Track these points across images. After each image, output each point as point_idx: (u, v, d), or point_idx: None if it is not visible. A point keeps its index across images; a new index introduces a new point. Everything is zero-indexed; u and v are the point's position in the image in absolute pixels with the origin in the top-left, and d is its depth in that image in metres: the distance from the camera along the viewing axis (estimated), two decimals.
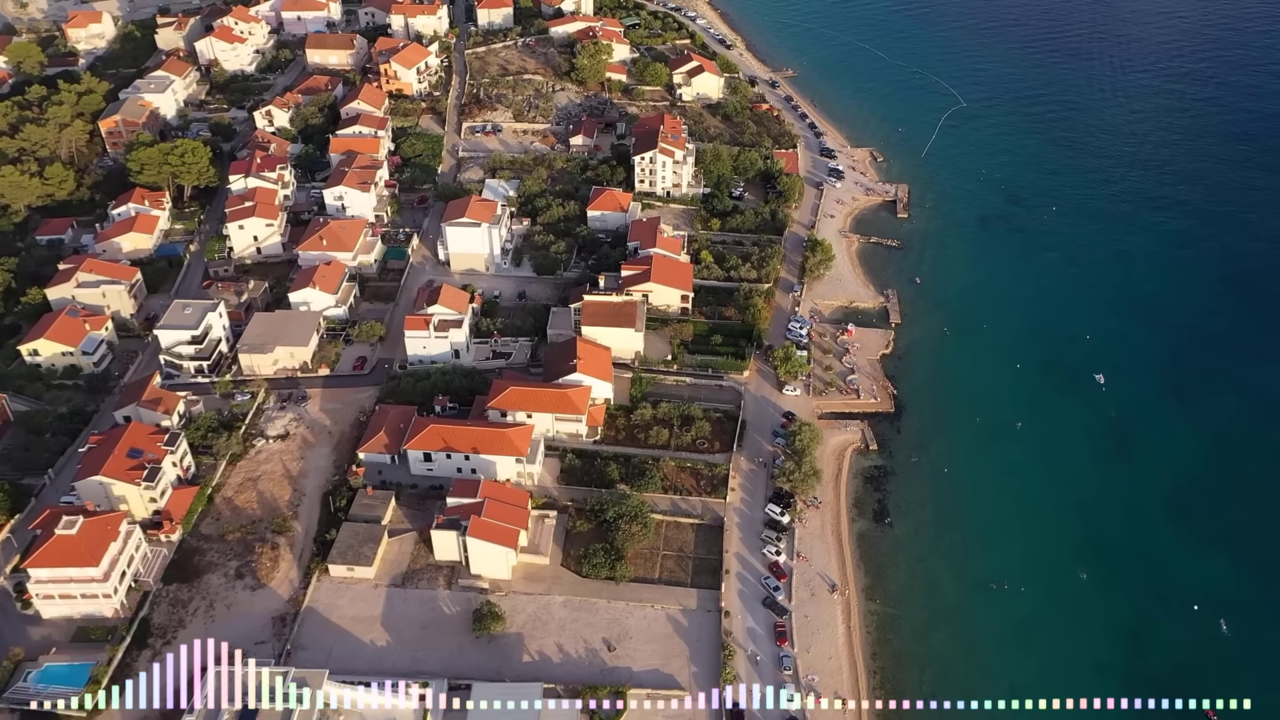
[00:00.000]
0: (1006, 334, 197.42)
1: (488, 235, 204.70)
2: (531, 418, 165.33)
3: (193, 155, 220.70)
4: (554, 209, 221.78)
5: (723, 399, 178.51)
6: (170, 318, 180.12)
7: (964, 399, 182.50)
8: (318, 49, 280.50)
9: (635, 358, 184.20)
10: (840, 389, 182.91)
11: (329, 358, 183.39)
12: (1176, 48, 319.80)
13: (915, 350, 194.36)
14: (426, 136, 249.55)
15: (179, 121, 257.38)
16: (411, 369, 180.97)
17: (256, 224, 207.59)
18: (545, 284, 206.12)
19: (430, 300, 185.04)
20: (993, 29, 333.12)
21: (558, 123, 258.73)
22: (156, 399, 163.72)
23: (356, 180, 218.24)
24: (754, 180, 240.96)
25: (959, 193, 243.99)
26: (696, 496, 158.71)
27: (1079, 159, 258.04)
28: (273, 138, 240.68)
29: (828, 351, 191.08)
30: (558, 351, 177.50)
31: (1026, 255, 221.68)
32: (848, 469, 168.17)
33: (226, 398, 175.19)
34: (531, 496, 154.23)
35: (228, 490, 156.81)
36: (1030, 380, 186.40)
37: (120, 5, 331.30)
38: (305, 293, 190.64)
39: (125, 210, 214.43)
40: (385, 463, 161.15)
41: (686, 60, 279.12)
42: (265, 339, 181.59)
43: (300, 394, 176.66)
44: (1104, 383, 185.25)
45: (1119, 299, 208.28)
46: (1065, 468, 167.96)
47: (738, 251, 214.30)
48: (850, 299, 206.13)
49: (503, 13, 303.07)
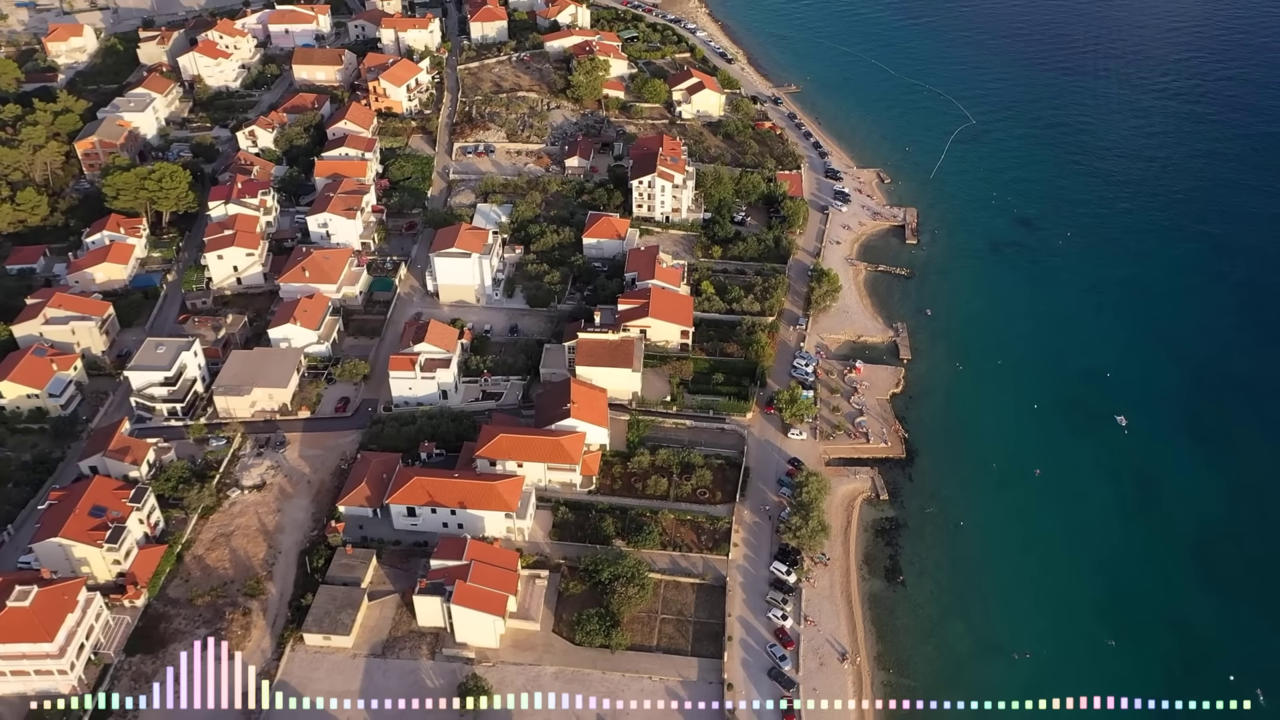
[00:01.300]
0: (1022, 371, 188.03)
1: (478, 266, 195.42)
2: (522, 467, 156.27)
3: (171, 180, 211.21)
4: (548, 236, 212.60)
5: (725, 443, 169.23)
6: (142, 358, 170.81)
7: (979, 443, 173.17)
8: (305, 65, 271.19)
9: (632, 399, 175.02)
10: (849, 432, 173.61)
11: (310, 399, 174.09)
12: (1193, 67, 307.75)
13: (927, 389, 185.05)
14: (416, 158, 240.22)
15: (160, 141, 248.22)
16: (397, 411, 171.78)
17: (236, 254, 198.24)
18: (539, 317, 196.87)
19: (417, 338, 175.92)
20: (1002, 43, 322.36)
21: (553, 143, 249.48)
22: (124, 448, 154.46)
23: (342, 206, 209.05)
24: (757, 204, 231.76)
25: (969, 217, 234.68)
26: (697, 553, 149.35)
27: (1092, 182, 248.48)
28: (256, 159, 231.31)
29: (835, 391, 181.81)
30: (551, 394, 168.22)
31: (1040, 285, 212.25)
32: (857, 521, 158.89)
33: (200, 443, 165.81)
34: (521, 554, 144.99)
35: (198, 547, 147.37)
36: (1048, 422, 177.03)
37: (104, 17, 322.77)
38: (285, 329, 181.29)
39: (99, 239, 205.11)
40: (367, 516, 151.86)
41: (686, 76, 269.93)
42: (242, 379, 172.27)
43: (278, 439, 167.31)
44: (1125, 425, 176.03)
45: (1137, 333, 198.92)
46: (1087, 520, 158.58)
47: (740, 281, 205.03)
48: (858, 333, 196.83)
49: (496, 26, 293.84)
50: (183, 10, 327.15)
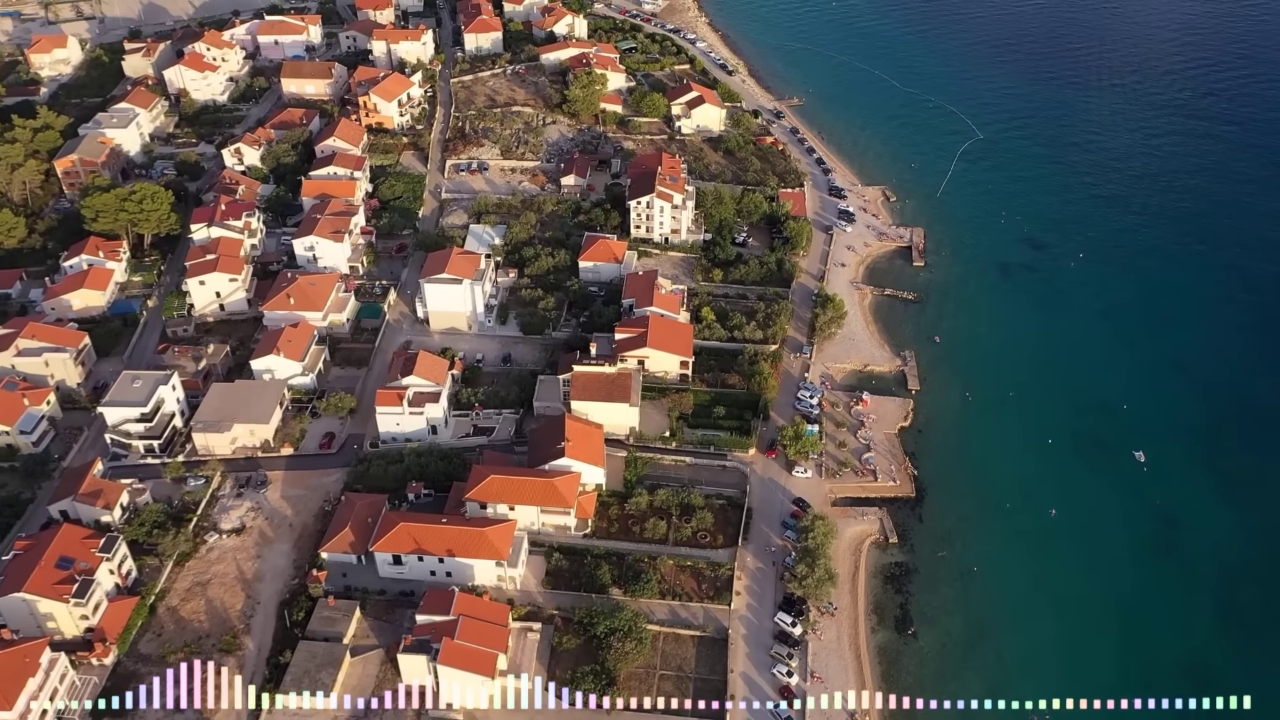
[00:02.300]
0: (1035, 402, 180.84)
1: (470, 292, 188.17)
2: (514, 510, 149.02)
3: (152, 202, 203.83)
4: (543, 259, 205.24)
5: (726, 482, 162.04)
6: (118, 392, 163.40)
7: (991, 481, 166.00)
8: (294, 78, 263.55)
9: (630, 434, 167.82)
10: (856, 469, 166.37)
11: (293, 435, 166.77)
12: (1208, 82, 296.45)
13: (936, 422, 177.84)
14: (407, 176, 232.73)
15: (143, 158, 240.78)
16: (384, 448, 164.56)
17: (219, 279, 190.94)
18: (533, 345, 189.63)
19: (405, 370, 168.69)
20: (1009, 54, 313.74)
21: (548, 159, 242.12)
22: (96, 491, 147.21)
23: (329, 229, 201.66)
24: (759, 224, 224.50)
25: (978, 237, 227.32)
26: (697, 603, 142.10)
27: (1103, 200, 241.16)
28: (242, 178, 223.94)
29: (841, 425, 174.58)
30: (544, 431, 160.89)
31: (1053, 310, 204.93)
32: (865, 566, 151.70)
33: (178, 482, 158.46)
34: (513, 605, 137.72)
35: (173, 598, 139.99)
36: (1063, 458, 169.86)
37: (90, 28, 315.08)
38: (268, 360, 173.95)
39: (77, 263, 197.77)
40: (351, 563, 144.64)
41: (686, 90, 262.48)
42: (223, 414, 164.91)
43: (259, 478, 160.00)
44: (1144, 461, 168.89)
45: (1153, 361, 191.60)
46: (1106, 564, 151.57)
47: (741, 307, 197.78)
48: (864, 362, 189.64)
49: (491, 37, 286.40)
50: (171, 20, 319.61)
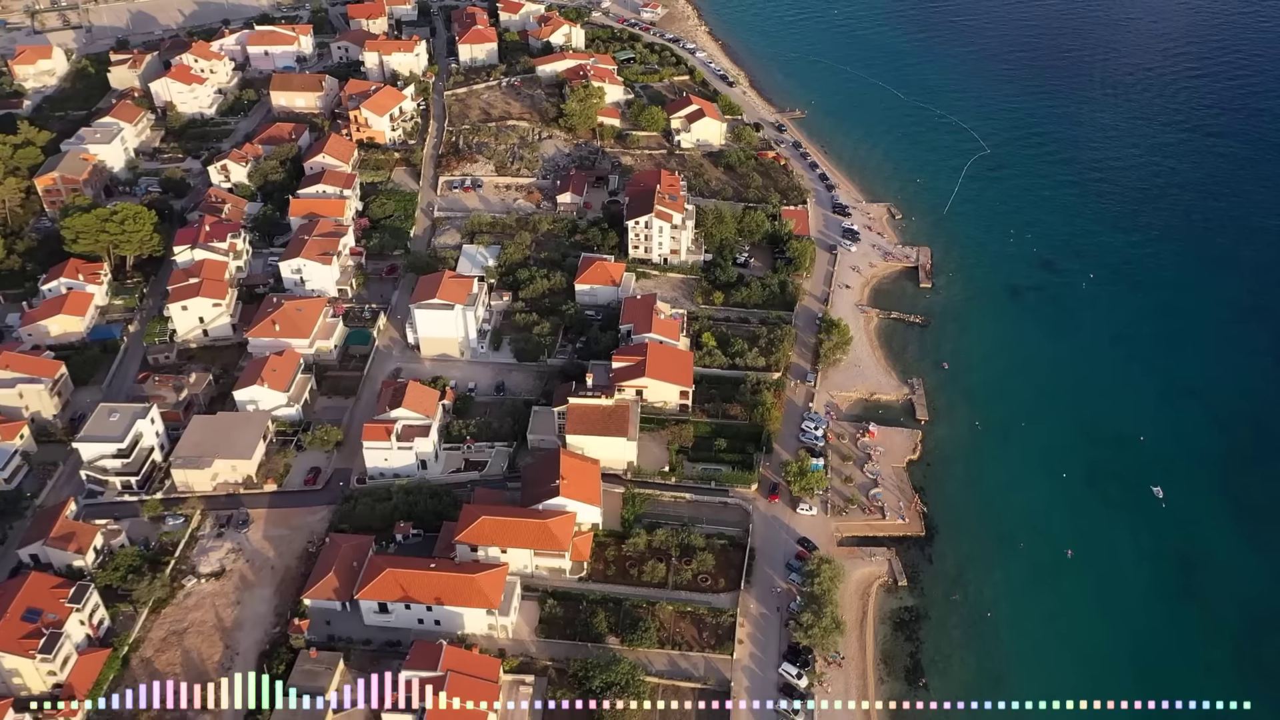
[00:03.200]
0: (1048, 433, 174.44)
1: (462, 318, 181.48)
2: (506, 552, 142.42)
3: (134, 223, 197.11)
4: (538, 282, 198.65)
5: (728, 520, 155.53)
6: (94, 427, 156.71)
7: (1004, 518, 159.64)
8: (283, 91, 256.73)
9: (628, 469, 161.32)
10: (863, 506, 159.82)
11: (277, 470, 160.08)
12: (1225, 98, 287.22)
13: (946, 455, 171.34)
14: (399, 194, 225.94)
15: (127, 175, 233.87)
16: (371, 485, 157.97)
17: (202, 304, 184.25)
18: (527, 372, 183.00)
19: (394, 402, 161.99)
20: (1016, 65, 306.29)
21: (544, 176, 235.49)
22: (68, 535, 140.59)
23: (317, 251, 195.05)
24: (760, 244, 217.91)
25: (986, 257, 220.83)
26: (698, 652, 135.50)
27: (1114, 217, 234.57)
28: (228, 196, 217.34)
29: (847, 458, 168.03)
30: (539, 467, 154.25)
31: (1064, 334, 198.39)
32: (874, 611, 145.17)
33: (156, 521, 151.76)
34: (504, 657, 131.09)
35: (147, 648, 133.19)
36: (1078, 494, 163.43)
37: (76, 37, 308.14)
38: (252, 390, 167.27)
39: (56, 286, 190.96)
40: (335, 610, 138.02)
41: (685, 103, 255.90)
42: (204, 449, 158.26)
43: (241, 517, 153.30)
44: (1162, 497, 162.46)
45: (1170, 388, 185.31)
46: (1126, 609, 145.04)
47: (743, 332, 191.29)
48: (871, 390, 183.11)
49: (486, 48, 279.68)
50: (160, 29, 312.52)
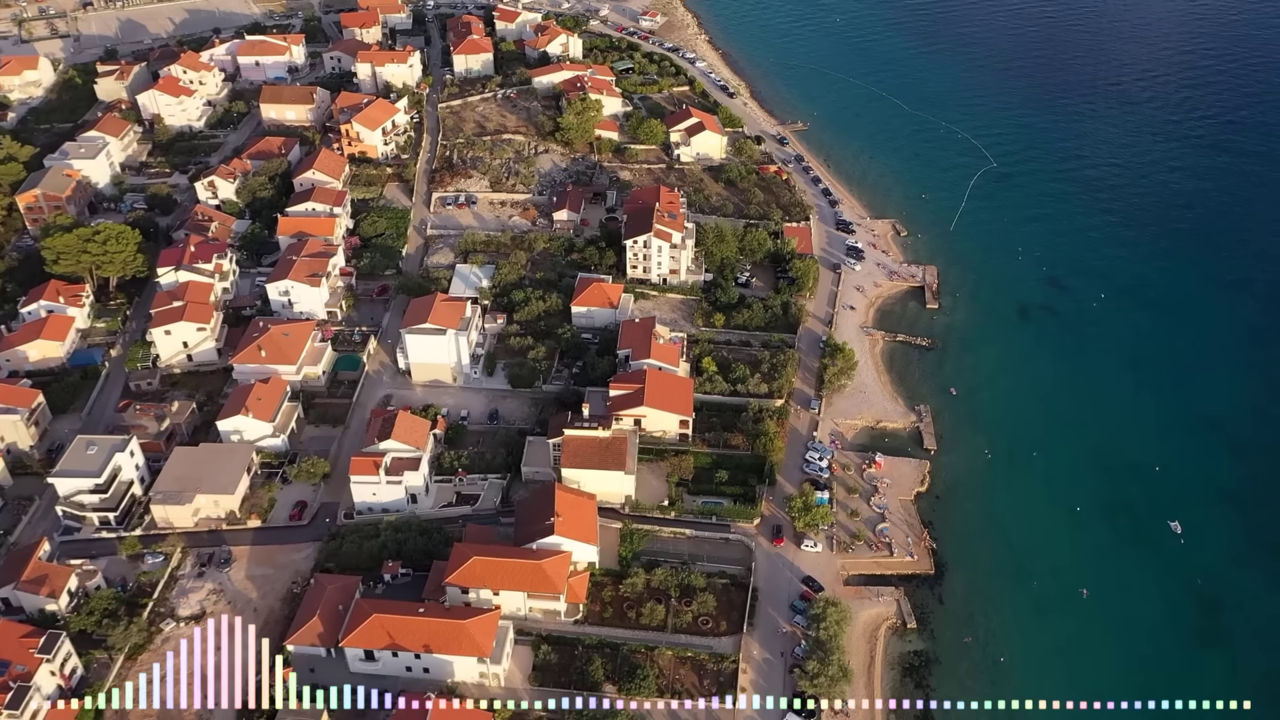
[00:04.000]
0: (1060, 464, 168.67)
1: (454, 343, 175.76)
2: (499, 594, 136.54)
3: (116, 243, 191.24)
4: (533, 303, 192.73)
5: (729, 557, 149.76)
6: (70, 461, 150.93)
7: (1016, 555, 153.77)
8: (273, 104, 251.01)
9: (625, 503, 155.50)
10: (869, 543, 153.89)
11: (261, 505, 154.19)
12: (1234, 112, 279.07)
13: (955, 486, 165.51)
14: (390, 211, 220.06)
15: (113, 191, 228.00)
16: (359, 520, 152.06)
17: (186, 329, 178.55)
18: (522, 399, 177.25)
19: (383, 433, 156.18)
20: (1023, 76, 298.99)
21: (540, 192, 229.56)
22: (41, 578, 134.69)
23: (305, 272, 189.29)
24: (762, 263, 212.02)
25: (994, 276, 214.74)
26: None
27: (1125, 234, 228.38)
28: (215, 213, 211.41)
29: (853, 491, 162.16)
30: (532, 503, 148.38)
31: (1075, 357, 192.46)
32: (882, 655, 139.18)
33: (134, 560, 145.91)
34: (495, 712, 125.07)
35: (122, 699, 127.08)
36: (1093, 529, 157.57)
37: (64, 46, 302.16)
38: (236, 421, 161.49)
39: (36, 309, 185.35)
40: (320, 656, 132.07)
41: (685, 116, 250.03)
42: (185, 483, 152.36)
43: (223, 555, 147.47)
44: (1181, 532, 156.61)
45: (1186, 415, 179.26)
46: (1146, 654, 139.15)
47: (745, 356, 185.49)
48: (877, 417, 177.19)
49: (482, 59, 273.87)
50: (149, 38, 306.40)
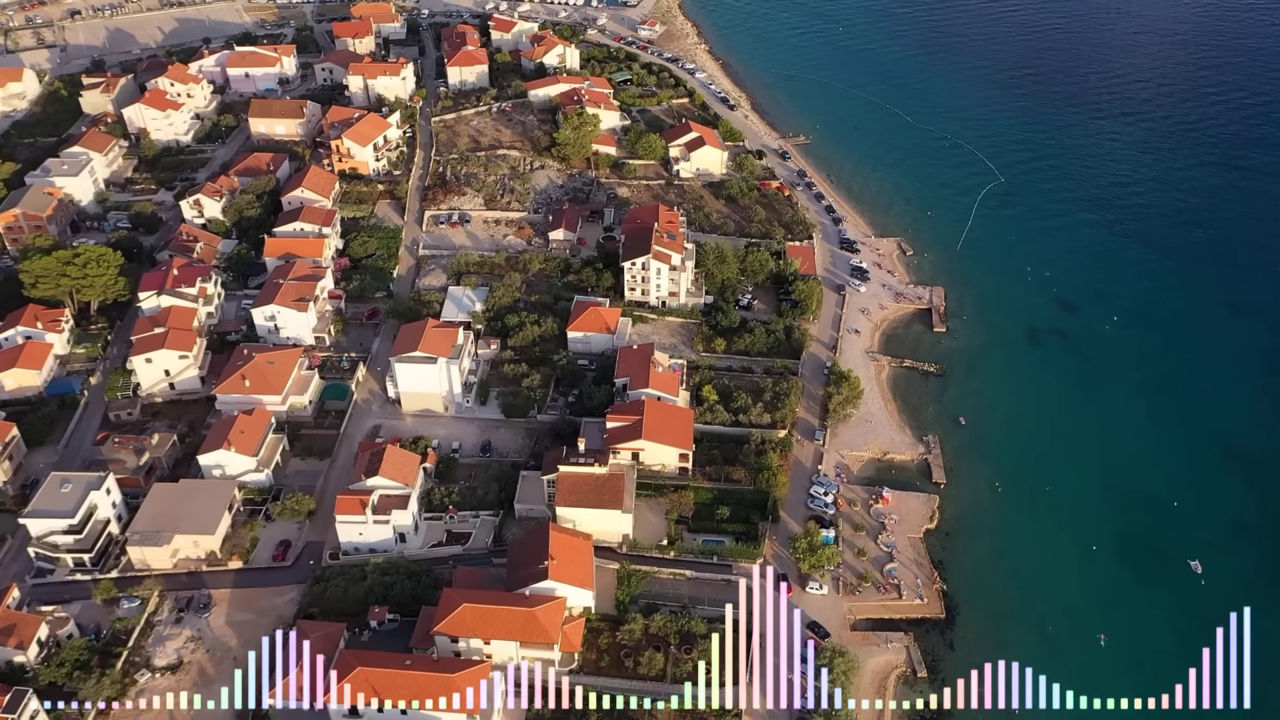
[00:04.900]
0: (1074, 498, 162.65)
1: (446, 372, 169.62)
2: (490, 643, 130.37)
3: (97, 266, 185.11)
4: (528, 328, 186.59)
5: (731, 599, 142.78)
6: (43, 500, 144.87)
7: (1030, 598, 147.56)
8: (262, 118, 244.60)
9: (623, 542, 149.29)
10: (878, 584, 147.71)
11: (242, 545, 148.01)
12: (1253, 128, 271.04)
13: (965, 523, 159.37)
14: (381, 230, 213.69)
15: (96, 209, 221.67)
16: (344, 562, 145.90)
17: (168, 356, 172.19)
18: (516, 430, 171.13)
19: (370, 469, 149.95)
20: (1031, 87, 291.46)
21: (535, 209, 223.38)
22: (8, 628, 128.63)
23: (292, 296, 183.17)
24: (764, 284, 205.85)
25: (1003, 297, 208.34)
26: None
27: (1136, 252, 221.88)
28: (201, 233, 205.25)
29: (860, 528, 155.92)
30: (525, 544, 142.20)
31: (1088, 384, 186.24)
32: (891, 709, 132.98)
33: (109, 604, 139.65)
34: None
35: None
36: (1109, 569, 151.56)
37: (51, 57, 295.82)
38: (218, 455, 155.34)
39: (12, 335, 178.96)
40: (303, 711, 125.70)
41: (685, 130, 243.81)
42: (163, 522, 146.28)
43: (202, 599, 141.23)
44: (1201, 573, 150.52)
45: (1203, 445, 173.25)
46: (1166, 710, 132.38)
47: (747, 383, 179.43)
48: (884, 449, 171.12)
49: (476, 71, 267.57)
50: (138, 48, 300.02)
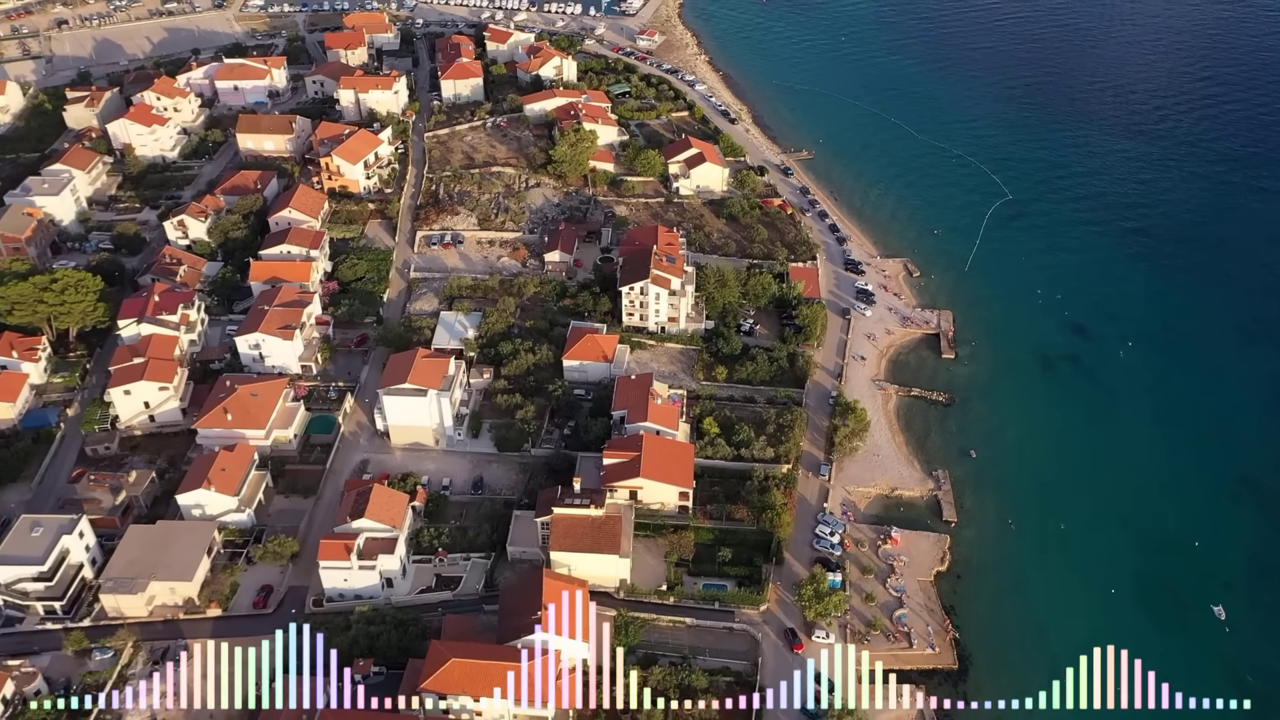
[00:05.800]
0: (1091, 537, 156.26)
1: (436, 405, 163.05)
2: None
3: (75, 292, 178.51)
4: (522, 356, 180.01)
5: (733, 650, 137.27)
6: (12, 545, 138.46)
7: (1047, 646, 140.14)
8: (251, 134, 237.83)
9: (620, 587, 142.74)
10: (887, 632, 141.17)
11: (222, 590, 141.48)
12: (1274, 133, 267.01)
13: (977, 564, 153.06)
14: (372, 252, 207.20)
15: (78, 229, 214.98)
16: (329, 608, 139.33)
17: (147, 388, 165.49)
18: (509, 465, 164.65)
19: (356, 511, 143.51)
20: (1039, 100, 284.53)
21: (531, 229, 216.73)
22: None
23: (278, 324, 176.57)
24: (766, 308, 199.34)
25: (1013, 321, 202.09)
26: None
27: (1150, 273, 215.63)
28: (185, 255, 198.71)
29: (868, 571, 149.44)
30: (518, 593, 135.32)
31: (1103, 415, 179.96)
32: None
33: (81, 655, 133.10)
34: None
35: None
36: (1128, 614, 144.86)
37: (36, 68, 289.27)
38: (197, 495, 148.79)
39: None
40: None
41: (685, 145, 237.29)
42: (138, 568, 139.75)
43: (178, 649, 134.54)
44: (1225, 619, 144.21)
45: (1223, 482, 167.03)
46: None
47: (749, 414, 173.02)
48: (892, 484, 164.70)
49: (471, 84, 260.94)
50: (125, 59, 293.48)
